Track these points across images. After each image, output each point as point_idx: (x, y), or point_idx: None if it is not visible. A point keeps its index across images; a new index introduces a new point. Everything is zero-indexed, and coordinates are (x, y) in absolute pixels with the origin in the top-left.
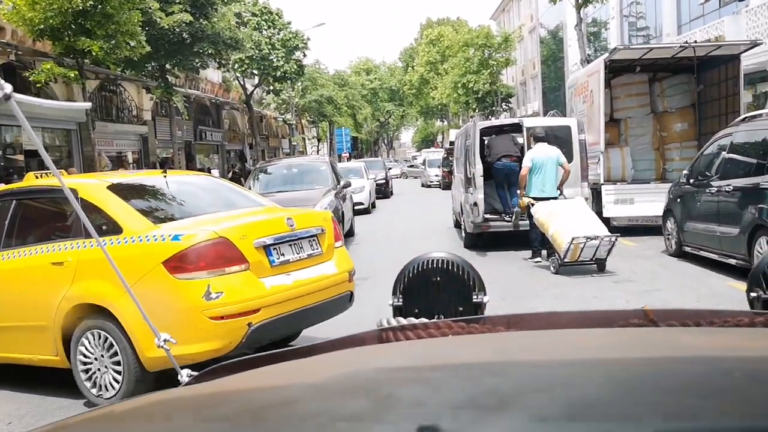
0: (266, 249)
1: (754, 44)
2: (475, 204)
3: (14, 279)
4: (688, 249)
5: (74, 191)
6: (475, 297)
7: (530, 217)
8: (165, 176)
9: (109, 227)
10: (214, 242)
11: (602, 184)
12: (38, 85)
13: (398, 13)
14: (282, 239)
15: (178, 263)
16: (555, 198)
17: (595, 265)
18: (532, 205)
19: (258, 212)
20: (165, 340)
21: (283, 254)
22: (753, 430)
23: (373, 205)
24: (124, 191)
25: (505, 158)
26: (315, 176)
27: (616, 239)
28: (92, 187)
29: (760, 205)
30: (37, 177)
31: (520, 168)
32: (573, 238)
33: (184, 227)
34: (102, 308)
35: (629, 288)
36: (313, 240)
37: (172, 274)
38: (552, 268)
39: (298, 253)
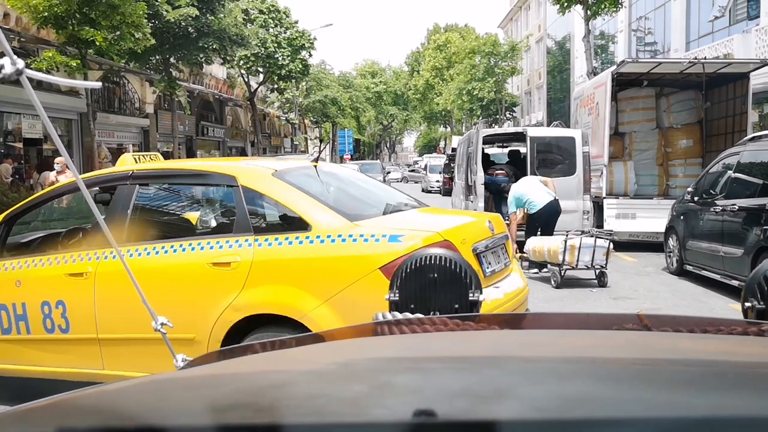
0: (478, 256)
1: (765, 63)
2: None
3: (151, 282)
4: (689, 267)
5: (232, 178)
6: (471, 295)
7: (527, 227)
8: (316, 165)
9: (288, 223)
10: (439, 246)
11: (604, 197)
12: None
13: (406, 18)
14: (487, 245)
15: None
16: (555, 200)
17: (596, 280)
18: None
19: (450, 212)
20: (162, 324)
21: (489, 263)
22: (743, 420)
23: None
24: (292, 180)
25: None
26: None
27: (611, 240)
28: (256, 174)
29: (765, 227)
30: (136, 160)
31: (506, 180)
32: (566, 238)
33: (398, 227)
34: (283, 319)
35: (628, 305)
36: (504, 247)
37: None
38: (553, 282)
39: (498, 262)
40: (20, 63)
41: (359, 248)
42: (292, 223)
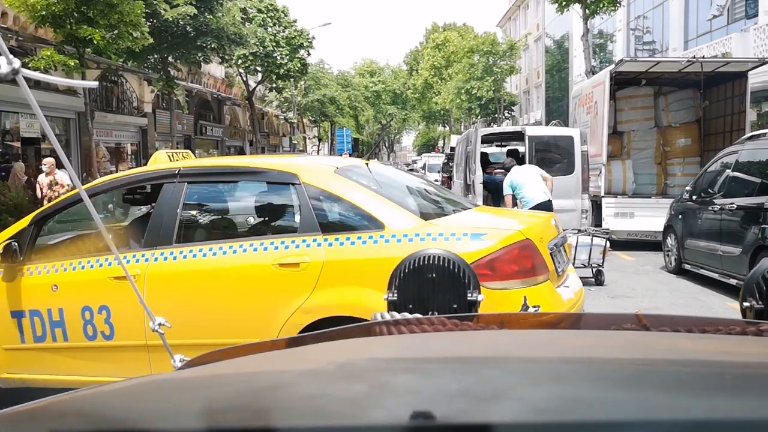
0: (551, 255)
1: (763, 62)
2: None
3: (211, 285)
4: (687, 266)
5: (293, 176)
6: (469, 295)
7: None
8: (368, 164)
9: (359, 222)
10: (522, 244)
11: (603, 196)
12: (38, 72)
13: (404, 17)
14: (556, 244)
15: (487, 269)
16: (550, 201)
17: (593, 278)
18: None
19: (511, 212)
20: (160, 324)
21: (559, 262)
22: (743, 423)
23: None
24: (355, 178)
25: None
26: None
27: (607, 238)
28: (319, 171)
29: (763, 226)
30: (170, 157)
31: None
32: None
33: (476, 226)
34: (357, 322)
35: (626, 304)
36: (563, 246)
37: (480, 282)
38: None
39: (563, 261)
40: (16, 62)
41: (440, 247)
42: (363, 222)
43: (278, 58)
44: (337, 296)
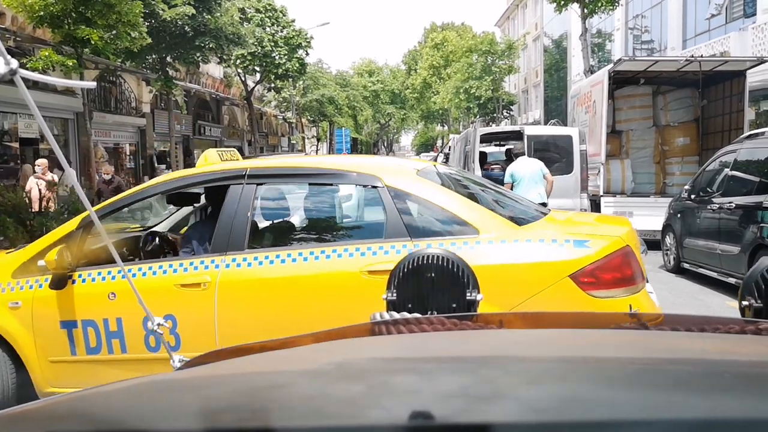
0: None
1: (761, 61)
2: None
3: (293, 292)
4: (686, 265)
5: (375, 178)
6: (468, 294)
7: None
8: (435, 165)
9: (451, 227)
10: (624, 251)
11: (601, 195)
12: (36, 73)
13: (403, 17)
14: (643, 250)
15: (592, 277)
16: (545, 204)
17: None
18: None
19: (590, 215)
20: (158, 324)
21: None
22: (742, 422)
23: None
24: (437, 180)
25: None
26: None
27: None
28: (402, 173)
29: (761, 224)
30: (223, 159)
31: (502, 175)
32: None
33: (576, 232)
34: None
35: None
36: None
37: (586, 291)
38: None
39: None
40: (14, 63)
41: (542, 254)
42: (454, 227)
43: (276, 58)
44: None
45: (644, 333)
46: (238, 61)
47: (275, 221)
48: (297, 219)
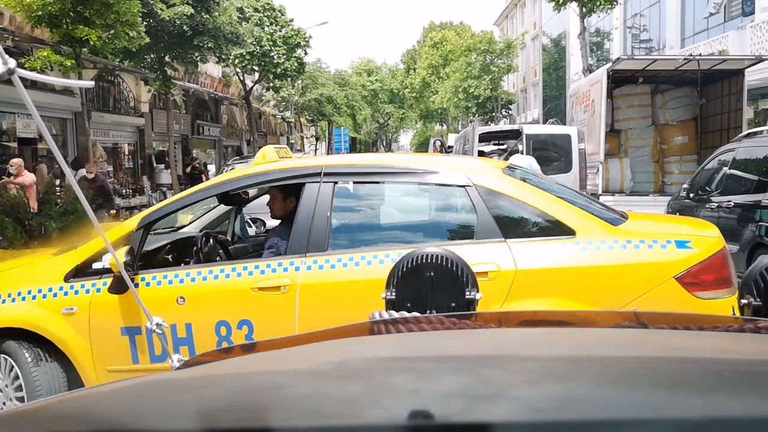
0: None
1: (759, 60)
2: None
3: (376, 297)
4: None
5: (462, 176)
6: (467, 293)
7: None
8: (509, 164)
9: (546, 227)
10: (723, 252)
11: (600, 194)
12: (34, 73)
13: (401, 16)
14: None
15: (696, 278)
16: None
17: None
18: None
19: (680, 218)
20: (158, 324)
21: None
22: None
23: None
24: (524, 179)
25: None
26: None
27: None
28: (490, 172)
29: (760, 223)
30: (281, 157)
31: None
32: None
33: (679, 233)
34: None
35: None
36: None
37: (691, 292)
38: None
39: None
40: (12, 63)
41: (646, 255)
42: (549, 228)
43: (275, 57)
44: (531, 308)
45: (644, 332)
46: (237, 60)
47: (358, 221)
48: (379, 218)
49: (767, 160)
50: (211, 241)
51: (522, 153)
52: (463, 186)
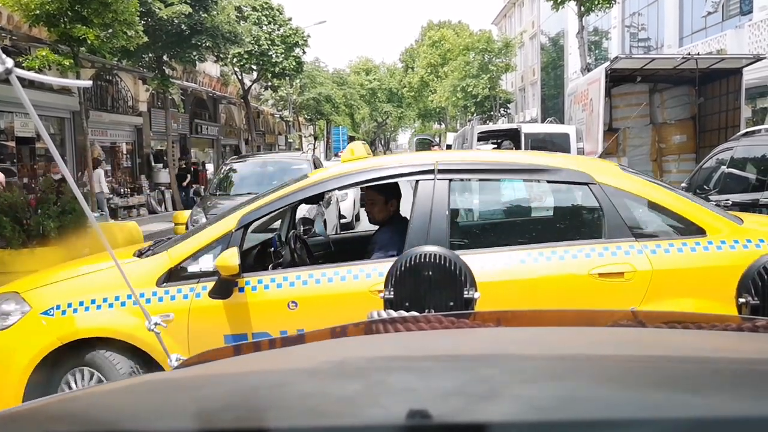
0: None
1: (758, 59)
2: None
3: (502, 298)
4: None
5: (584, 174)
6: (466, 293)
7: None
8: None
9: (676, 227)
10: None
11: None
12: (32, 72)
13: (399, 15)
14: None
15: None
16: None
17: None
18: None
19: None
20: (155, 324)
21: None
22: (739, 420)
23: (357, 218)
24: (644, 177)
25: None
26: (294, 176)
27: None
28: (612, 170)
29: None
30: (365, 154)
31: None
32: None
33: None
34: None
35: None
36: None
37: None
38: None
39: None
40: (9, 62)
41: None
42: (680, 227)
43: (273, 56)
44: (670, 310)
45: (642, 331)
46: (235, 59)
47: (476, 219)
48: (499, 217)
49: (765, 159)
50: (299, 242)
51: (512, 149)
52: (587, 184)
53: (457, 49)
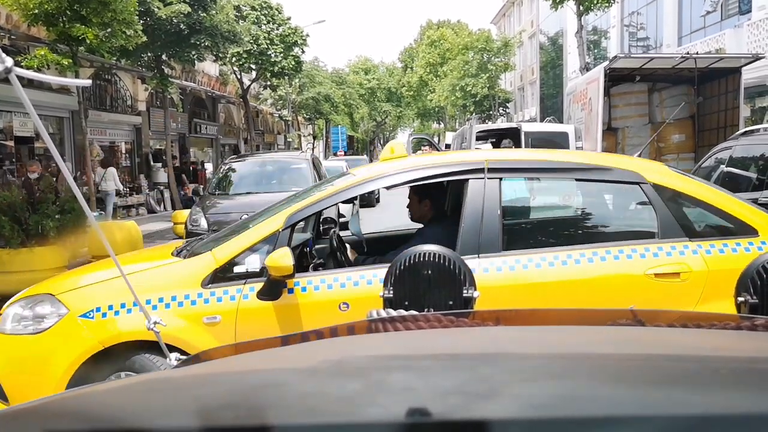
0: None
1: (757, 58)
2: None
3: (560, 299)
4: None
5: (635, 174)
6: (465, 292)
7: None
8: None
9: (727, 227)
10: None
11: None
12: (31, 71)
13: (398, 15)
14: None
15: None
16: None
17: None
18: None
19: None
20: (155, 323)
21: None
22: (737, 418)
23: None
24: (691, 176)
25: None
26: (293, 176)
27: None
28: (662, 169)
29: None
30: (404, 153)
31: None
32: None
33: None
34: None
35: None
36: None
37: None
38: None
39: None
40: (9, 61)
41: None
42: (732, 227)
43: (272, 55)
44: (722, 310)
45: (640, 329)
46: (234, 59)
47: (527, 219)
48: (550, 216)
49: (764, 158)
50: (339, 242)
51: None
52: (638, 183)
53: (456, 49)
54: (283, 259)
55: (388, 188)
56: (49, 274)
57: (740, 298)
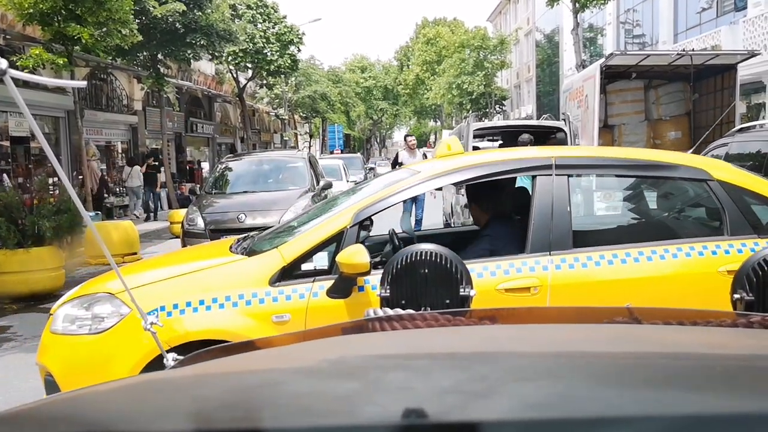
0: None
1: (752, 54)
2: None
3: (634, 297)
4: None
5: (703, 171)
6: (462, 290)
7: None
8: None
9: None
10: None
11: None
12: (26, 71)
13: (394, 12)
14: None
15: None
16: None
17: None
18: None
19: None
20: (151, 323)
21: None
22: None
23: None
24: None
25: None
26: (289, 174)
27: None
28: (728, 167)
29: None
30: (461, 150)
31: None
32: None
33: None
34: None
35: None
36: None
37: None
38: None
39: None
40: (3, 63)
41: None
42: None
43: (268, 54)
44: None
45: (637, 327)
46: (230, 57)
47: (593, 216)
48: (618, 214)
49: (760, 155)
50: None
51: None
52: (705, 180)
53: (452, 47)
54: (357, 256)
55: (455, 185)
56: (46, 275)
57: (736, 295)
